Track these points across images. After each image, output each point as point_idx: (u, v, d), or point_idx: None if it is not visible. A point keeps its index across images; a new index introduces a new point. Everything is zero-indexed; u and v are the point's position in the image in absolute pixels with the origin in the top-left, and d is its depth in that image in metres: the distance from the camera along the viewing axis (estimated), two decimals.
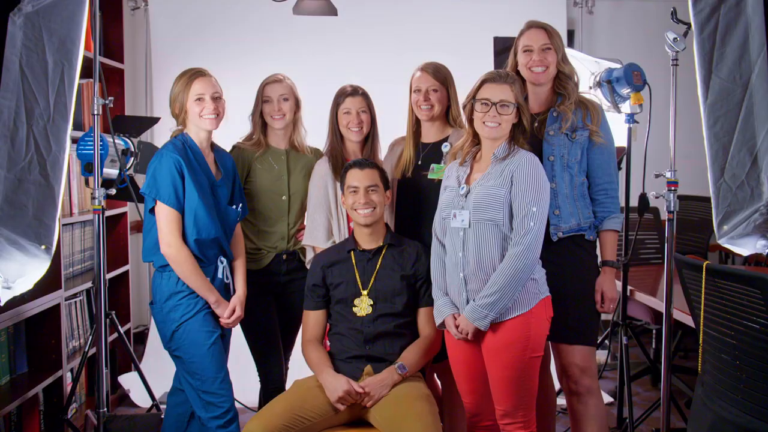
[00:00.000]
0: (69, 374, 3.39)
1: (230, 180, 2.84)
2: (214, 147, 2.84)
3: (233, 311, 2.74)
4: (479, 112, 2.48)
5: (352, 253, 2.76)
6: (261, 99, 3.02)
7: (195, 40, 4.64)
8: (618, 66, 3.10)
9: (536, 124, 2.68)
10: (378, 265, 2.73)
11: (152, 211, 2.66)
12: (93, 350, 3.03)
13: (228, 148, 3.00)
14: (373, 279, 2.71)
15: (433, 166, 2.84)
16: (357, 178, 2.74)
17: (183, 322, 2.64)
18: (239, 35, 4.69)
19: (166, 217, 2.61)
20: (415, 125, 2.93)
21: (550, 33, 2.67)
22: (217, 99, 2.73)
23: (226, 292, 2.78)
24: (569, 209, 2.64)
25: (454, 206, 2.51)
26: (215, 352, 2.65)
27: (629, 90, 3.00)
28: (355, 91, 2.99)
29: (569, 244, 2.65)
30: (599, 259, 2.73)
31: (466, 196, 2.49)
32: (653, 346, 4.05)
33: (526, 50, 2.68)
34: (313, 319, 2.79)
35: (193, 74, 2.71)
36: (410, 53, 3.48)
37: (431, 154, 2.88)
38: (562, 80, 2.68)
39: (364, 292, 2.70)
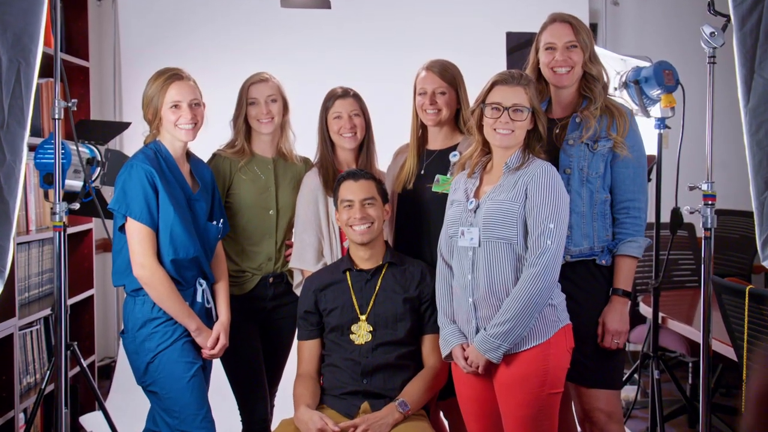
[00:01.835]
0: (22, 415, 3.36)
1: (209, 193, 2.84)
2: (190, 157, 2.84)
3: (217, 339, 2.73)
4: (489, 118, 2.48)
5: (347, 273, 2.75)
6: (245, 101, 3.02)
7: (170, 36, 4.65)
8: (647, 64, 3.10)
9: (557, 131, 2.67)
10: (377, 287, 2.72)
11: (122, 228, 2.65)
12: (51, 387, 3.00)
13: (206, 158, 2.99)
14: (372, 302, 2.70)
15: (438, 177, 2.83)
16: (351, 190, 2.74)
17: (159, 353, 2.63)
18: (220, 30, 4.70)
19: (138, 235, 2.61)
20: (420, 131, 2.94)
21: (576, 28, 2.65)
22: (195, 106, 2.73)
23: (208, 318, 2.78)
24: (583, 230, 2.62)
25: (461, 223, 2.50)
26: (195, 386, 2.64)
27: (660, 91, 3.00)
28: (346, 93, 3.00)
29: (581, 270, 2.64)
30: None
31: (475, 212, 2.48)
32: (689, 381, 4.03)
33: (548, 48, 2.67)
34: (307, 351, 2.78)
35: (170, 76, 2.71)
36: (413, 50, 3.48)
37: (436, 163, 2.87)
38: (589, 82, 2.67)
39: (363, 317, 2.69)
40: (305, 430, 2.54)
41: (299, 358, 2.80)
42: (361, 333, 2.69)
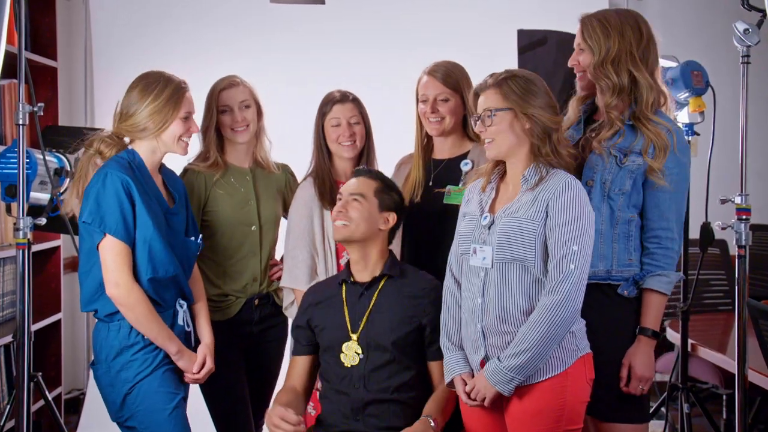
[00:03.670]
0: None
1: (184, 207, 2.85)
2: (161, 168, 2.84)
3: (203, 363, 2.74)
4: (478, 130, 2.51)
5: (343, 286, 2.74)
6: (216, 108, 3.04)
7: (147, 34, 4.65)
8: (673, 65, 3.11)
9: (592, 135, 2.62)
10: (372, 303, 2.68)
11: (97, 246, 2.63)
12: (11, 423, 2.99)
13: (177, 171, 2.99)
14: (365, 320, 2.67)
15: (449, 188, 2.84)
16: (347, 185, 2.77)
17: (138, 382, 2.63)
18: (203, 29, 4.70)
19: (112, 251, 2.60)
20: (425, 140, 2.96)
21: (584, 29, 2.62)
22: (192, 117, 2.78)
23: (187, 342, 2.77)
24: (601, 250, 2.58)
25: (474, 240, 2.49)
26: (178, 419, 2.64)
27: (687, 94, 3.01)
28: (345, 97, 3.01)
29: (598, 295, 2.58)
30: None
31: (489, 228, 2.47)
32: (724, 416, 4.01)
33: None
34: (296, 367, 2.74)
35: (182, 87, 2.73)
36: (416, 50, 3.51)
37: (446, 173, 2.89)
38: (597, 73, 2.60)
39: (354, 336, 2.66)
40: (268, 421, 2.53)
41: (288, 372, 2.77)
42: (350, 354, 2.65)
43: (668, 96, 2.68)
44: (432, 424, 2.54)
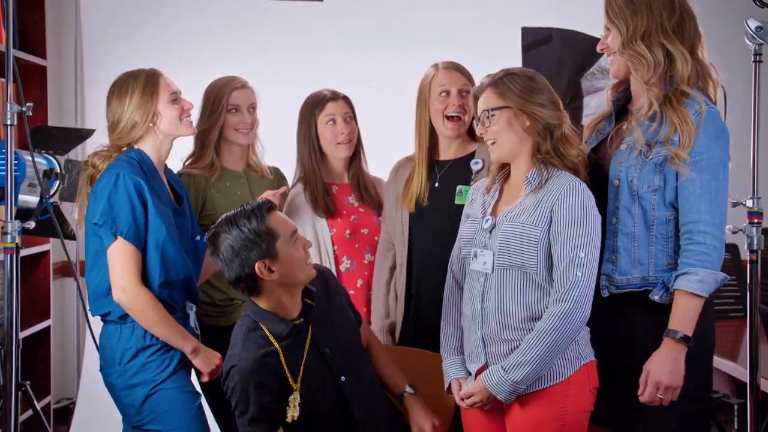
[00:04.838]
0: None
1: (189, 206, 2.88)
2: (164, 167, 2.86)
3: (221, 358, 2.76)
4: (479, 133, 2.52)
5: (279, 353, 2.50)
6: (224, 108, 3.04)
7: (139, 32, 4.64)
8: None
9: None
10: (307, 341, 2.52)
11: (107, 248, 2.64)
12: None
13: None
14: (303, 364, 2.50)
15: (460, 188, 2.86)
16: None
17: (160, 382, 2.66)
18: (197, 27, 4.69)
19: (121, 254, 2.62)
20: (428, 140, 2.94)
21: (608, 7, 2.50)
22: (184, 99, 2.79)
23: None
24: (635, 256, 2.48)
25: (475, 243, 2.49)
26: (202, 417, 2.69)
27: None
28: (336, 95, 3.05)
29: (632, 306, 2.49)
30: None
31: (490, 232, 2.47)
32: (735, 426, 4.00)
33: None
34: None
35: (152, 73, 2.74)
36: (416, 51, 3.51)
37: (453, 174, 2.90)
38: (627, 51, 2.46)
39: (296, 386, 2.48)
40: None
41: None
42: (291, 406, 2.49)
43: (715, 78, 2.56)
44: (411, 391, 2.64)
